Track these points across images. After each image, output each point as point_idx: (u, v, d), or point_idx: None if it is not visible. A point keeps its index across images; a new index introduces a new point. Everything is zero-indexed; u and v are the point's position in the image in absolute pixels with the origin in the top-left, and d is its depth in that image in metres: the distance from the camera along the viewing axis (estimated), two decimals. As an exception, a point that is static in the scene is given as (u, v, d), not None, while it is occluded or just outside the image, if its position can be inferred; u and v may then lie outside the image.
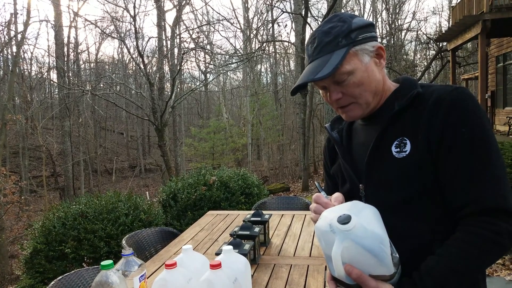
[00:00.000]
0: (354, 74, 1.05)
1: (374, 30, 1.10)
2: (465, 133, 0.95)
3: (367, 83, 1.06)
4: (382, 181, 1.07)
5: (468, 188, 0.94)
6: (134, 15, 12.71)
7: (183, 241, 2.65)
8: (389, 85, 1.13)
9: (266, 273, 1.99)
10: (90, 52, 30.76)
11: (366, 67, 1.06)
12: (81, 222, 4.07)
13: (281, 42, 20.64)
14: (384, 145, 1.06)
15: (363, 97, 1.08)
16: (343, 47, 1.04)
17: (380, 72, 1.09)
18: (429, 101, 1.00)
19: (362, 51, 1.05)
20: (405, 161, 1.01)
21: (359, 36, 1.05)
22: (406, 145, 1.02)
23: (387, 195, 1.05)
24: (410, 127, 1.02)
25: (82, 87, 13.63)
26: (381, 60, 1.09)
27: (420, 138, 0.99)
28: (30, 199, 19.06)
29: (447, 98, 0.98)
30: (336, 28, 1.06)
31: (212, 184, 5.25)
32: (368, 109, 1.11)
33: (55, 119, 24.30)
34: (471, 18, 9.61)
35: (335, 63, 1.02)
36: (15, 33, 20.51)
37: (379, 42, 1.10)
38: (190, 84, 26.33)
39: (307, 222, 2.93)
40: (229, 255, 1.45)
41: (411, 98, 1.04)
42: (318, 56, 1.07)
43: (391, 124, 1.06)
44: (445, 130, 0.96)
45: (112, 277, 1.30)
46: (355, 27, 1.05)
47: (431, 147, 0.98)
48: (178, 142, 20.89)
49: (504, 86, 12.08)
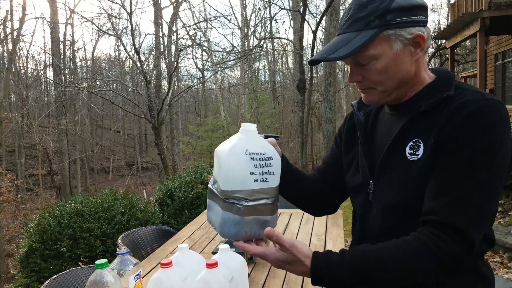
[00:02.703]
0: (378, 60, 0.96)
1: (422, 13, 0.96)
2: (468, 149, 0.88)
3: (392, 72, 0.98)
4: (391, 181, 1.03)
5: (439, 198, 0.90)
6: (131, 12, 12.66)
7: (180, 239, 2.62)
8: (424, 77, 1.02)
9: (263, 272, 1.97)
10: (87, 50, 30.75)
11: (396, 54, 0.96)
12: (76, 220, 4.03)
13: (279, 39, 20.64)
14: (400, 144, 1.01)
15: (383, 85, 1.00)
16: (373, 28, 0.94)
17: (413, 63, 0.99)
18: (453, 106, 0.92)
19: (395, 37, 0.94)
20: (416, 165, 0.96)
21: (396, 19, 0.93)
22: (420, 148, 0.96)
23: (393, 196, 1.01)
24: (427, 129, 0.96)
25: (79, 85, 13.57)
26: (418, 50, 0.97)
27: (431, 143, 0.94)
28: (27, 198, 19.02)
29: (469, 107, 0.90)
30: (374, 4, 0.94)
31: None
32: (389, 98, 1.04)
33: (51, 117, 24.21)
34: (470, 15, 9.61)
35: (357, 45, 0.93)
36: (11, 30, 20.41)
37: (425, 28, 0.97)
38: (187, 81, 26.29)
39: (305, 220, 2.91)
40: (226, 254, 1.42)
41: (438, 102, 0.95)
42: (346, 31, 0.98)
43: (412, 123, 1.00)
44: (452, 137, 0.91)
45: (107, 276, 1.27)
46: (394, 7, 0.93)
47: (435, 150, 0.93)
48: (176, 140, 20.86)
49: (503, 84, 12.09)
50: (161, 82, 15.11)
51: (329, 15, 12.69)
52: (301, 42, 13.31)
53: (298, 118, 13.68)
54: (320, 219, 2.88)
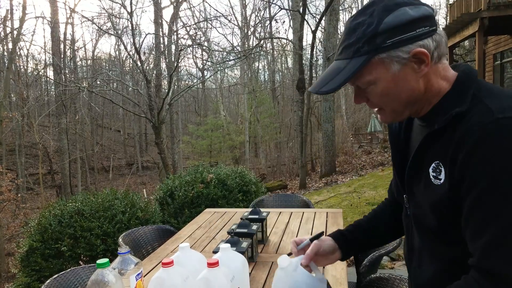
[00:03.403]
0: (376, 85, 0.91)
1: (424, 24, 0.87)
2: (478, 186, 0.81)
3: (394, 94, 0.91)
4: (420, 201, 0.99)
5: (472, 240, 0.85)
6: (131, 12, 12.66)
7: (180, 239, 2.63)
8: (440, 86, 0.93)
9: (264, 271, 1.98)
10: (87, 49, 30.68)
11: (394, 76, 0.89)
12: (77, 220, 4.04)
13: (278, 39, 20.62)
14: (423, 162, 0.96)
15: (389, 106, 0.95)
16: (363, 55, 0.88)
17: (419, 79, 0.91)
18: (463, 127, 0.85)
19: (390, 59, 0.88)
20: (438, 190, 0.91)
21: (387, 41, 0.86)
22: (441, 173, 0.90)
23: (424, 217, 0.99)
24: (444, 153, 0.89)
25: (79, 84, 13.57)
26: (422, 66, 0.89)
27: (448, 171, 0.88)
28: (27, 197, 19.01)
29: (476, 133, 0.81)
30: (361, 28, 0.88)
31: (209, 181, 5.23)
32: (402, 117, 0.98)
33: (51, 116, 24.19)
34: (469, 15, 9.62)
35: (347, 75, 0.89)
36: (11, 30, 20.40)
37: (431, 38, 0.89)
38: (187, 81, 26.28)
39: (305, 219, 2.92)
40: (227, 253, 1.43)
41: (449, 120, 0.88)
42: (338, 58, 0.94)
43: (430, 141, 0.94)
44: (463, 174, 0.84)
45: (108, 275, 1.28)
46: (384, 28, 0.86)
47: (453, 185, 0.87)
48: (176, 139, 20.86)
49: (502, 84, 12.10)
50: (161, 81, 15.12)
51: (329, 15, 12.70)
52: (301, 42, 13.32)
53: (298, 118, 13.68)
54: (320, 218, 2.90)
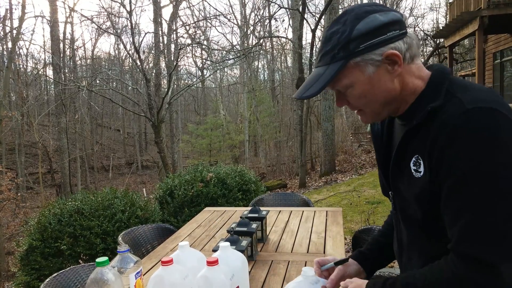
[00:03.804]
0: (354, 87, 0.97)
1: (394, 28, 0.94)
2: (454, 174, 0.86)
3: (371, 95, 0.97)
4: (405, 195, 1.04)
5: (449, 226, 0.90)
6: (130, 11, 12.66)
7: (180, 237, 2.63)
8: (415, 85, 0.99)
9: (263, 270, 1.98)
10: (86, 48, 30.67)
11: (370, 78, 0.95)
12: (77, 218, 4.04)
13: (278, 38, 20.61)
14: (405, 157, 1.01)
15: (368, 107, 1.00)
16: (339, 60, 0.94)
17: (393, 80, 0.96)
18: (438, 122, 0.90)
19: (364, 62, 0.94)
20: (419, 182, 0.96)
21: (361, 46, 0.92)
22: (421, 166, 0.96)
23: (409, 209, 1.04)
24: (422, 147, 0.95)
25: (78, 83, 13.57)
26: (396, 67, 0.94)
27: (428, 162, 0.93)
28: (27, 196, 19.01)
29: (449, 126, 0.86)
30: (336, 36, 0.95)
31: (209, 180, 5.23)
32: (381, 117, 1.04)
33: (51, 115, 24.19)
34: (469, 14, 9.61)
35: (325, 80, 0.95)
36: (10, 29, 20.38)
37: (402, 40, 0.95)
38: (187, 80, 26.28)
39: (305, 218, 2.92)
40: (226, 251, 1.43)
41: (425, 115, 0.93)
42: (318, 65, 1.01)
43: (409, 137, 0.99)
44: (440, 165, 0.89)
45: (108, 274, 1.28)
46: (356, 35, 0.92)
47: (433, 176, 0.93)
48: (175, 138, 20.87)
49: (501, 83, 12.11)
50: (160, 80, 15.11)
51: (328, 14, 12.69)
52: (300, 41, 13.31)
53: (297, 117, 13.68)
54: (319, 217, 2.90)
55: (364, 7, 0.95)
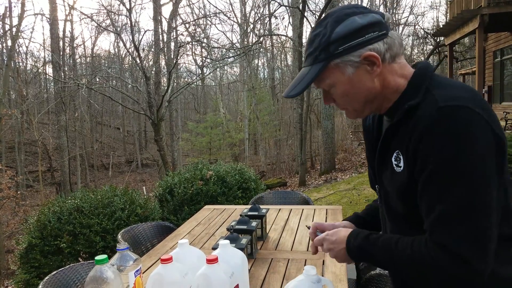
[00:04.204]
0: (335, 87, 1.03)
1: (372, 30, 0.97)
2: (431, 165, 0.91)
3: (353, 94, 1.02)
4: (388, 189, 1.09)
5: (425, 217, 0.95)
6: (130, 9, 12.63)
7: (180, 235, 2.63)
8: (397, 84, 1.02)
9: (263, 268, 1.98)
10: (86, 46, 30.63)
11: (350, 78, 1.00)
12: (76, 216, 4.04)
13: (278, 36, 20.57)
14: (388, 153, 1.06)
15: (351, 105, 1.06)
16: (321, 62, 1.00)
17: (373, 79, 1.00)
18: (414, 119, 0.95)
19: (344, 63, 0.99)
20: (400, 176, 1.01)
21: (340, 48, 0.97)
22: (401, 161, 1.00)
23: (392, 201, 1.09)
24: (401, 143, 1.00)
25: (78, 81, 13.55)
26: (374, 67, 0.99)
27: (406, 157, 0.98)
28: (27, 194, 19.01)
29: (424, 122, 0.91)
30: (318, 38, 1.00)
31: (209, 178, 5.23)
32: (364, 114, 1.09)
33: (51, 113, 24.17)
34: (469, 12, 9.59)
35: (309, 80, 1.01)
36: (10, 27, 20.35)
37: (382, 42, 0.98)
38: (186, 78, 26.24)
39: (304, 216, 2.92)
40: (226, 249, 1.43)
41: (403, 113, 0.98)
42: (304, 65, 1.06)
43: (390, 134, 1.04)
44: (417, 158, 0.94)
45: (107, 272, 1.28)
46: (335, 38, 0.97)
47: (411, 170, 0.97)
48: (175, 137, 20.85)
49: (501, 81, 12.10)
50: (160, 78, 15.10)
51: (328, 11, 12.69)
52: (300, 39, 13.29)
53: (297, 115, 13.67)
54: (319, 215, 2.89)
55: (344, 10, 1.00)
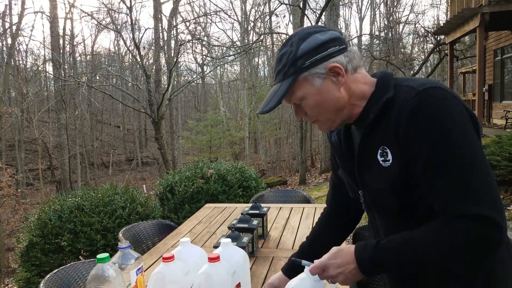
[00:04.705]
0: (306, 99, 1.08)
1: (333, 45, 1.05)
2: (425, 146, 0.94)
3: (323, 104, 1.07)
4: (375, 188, 1.10)
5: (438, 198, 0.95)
6: (130, 7, 12.62)
7: (181, 234, 2.63)
8: (362, 90, 1.09)
9: (264, 266, 1.98)
10: (86, 44, 30.59)
11: (319, 89, 1.06)
12: (77, 215, 4.04)
13: (278, 34, 20.53)
14: (370, 153, 1.07)
15: (323, 116, 1.10)
16: (290, 76, 1.06)
17: (339, 88, 1.06)
18: (396, 108, 0.99)
19: (312, 76, 1.05)
20: (389, 170, 1.03)
21: (306, 62, 1.04)
22: (388, 154, 1.03)
23: (382, 201, 1.09)
24: (385, 136, 1.02)
25: (78, 79, 13.54)
26: (339, 78, 1.05)
27: (395, 149, 1.00)
28: (27, 192, 19.02)
29: (408, 106, 0.96)
30: (285, 56, 1.07)
31: (209, 177, 5.23)
32: (336, 124, 1.13)
33: (51, 111, 24.16)
34: (470, 11, 9.57)
35: (281, 94, 1.05)
36: (10, 25, 20.33)
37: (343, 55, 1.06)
38: (186, 77, 26.21)
39: (305, 215, 2.92)
40: (227, 248, 1.43)
41: (381, 106, 1.02)
42: (274, 82, 1.11)
43: (370, 132, 1.07)
44: (409, 144, 0.96)
45: (109, 270, 1.28)
46: (301, 54, 1.04)
47: (404, 159, 0.99)
48: (175, 135, 20.83)
49: (502, 80, 12.08)
50: (160, 77, 15.08)
51: (329, 10, 12.64)
52: (301, 37, 13.24)
53: (298, 113, 13.64)
54: (320, 214, 2.89)
55: (306, 30, 1.08)
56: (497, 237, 0.90)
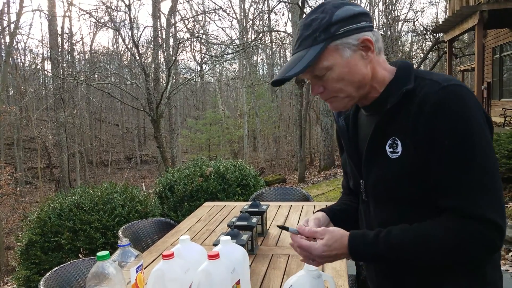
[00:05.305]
0: (333, 70, 1.02)
1: (365, 19, 1.03)
2: (447, 140, 0.93)
3: (348, 78, 1.03)
4: (378, 179, 1.08)
5: (449, 196, 0.94)
6: (129, 5, 12.59)
7: (180, 232, 2.64)
8: (383, 76, 1.07)
9: (264, 263, 1.98)
10: (85, 43, 30.51)
11: (347, 61, 1.01)
12: (76, 213, 4.04)
13: (277, 32, 20.52)
14: (380, 142, 1.06)
15: (344, 91, 1.05)
16: (321, 42, 1.00)
17: (367, 65, 1.04)
18: (416, 100, 0.97)
19: (343, 45, 1.00)
20: (398, 162, 1.01)
21: (340, 30, 0.99)
22: (398, 146, 1.01)
23: (383, 193, 1.07)
24: (400, 128, 1.01)
25: (77, 78, 13.52)
26: (369, 53, 1.02)
27: (408, 142, 0.99)
28: (26, 191, 19.02)
29: (431, 100, 0.94)
30: (316, 21, 1.01)
31: (208, 175, 5.23)
32: (353, 102, 1.09)
33: (49, 110, 24.15)
34: (468, 8, 9.57)
35: (308, 60, 0.99)
36: (8, 23, 20.28)
37: (371, 32, 1.03)
38: (185, 75, 26.19)
39: (305, 213, 2.93)
40: (227, 245, 1.43)
41: (400, 96, 1.00)
42: (297, 50, 1.05)
43: (384, 122, 1.04)
44: (429, 136, 0.95)
45: (109, 268, 1.28)
46: (336, 20, 0.99)
47: (417, 152, 0.97)
48: (174, 133, 20.83)
49: (500, 78, 12.09)
50: (159, 75, 15.08)
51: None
52: (300, 35, 13.23)
53: (297, 112, 13.67)
54: (319, 212, 2.90)
55: (338, 0, 1.04)
56: (498, 243, 0.91)
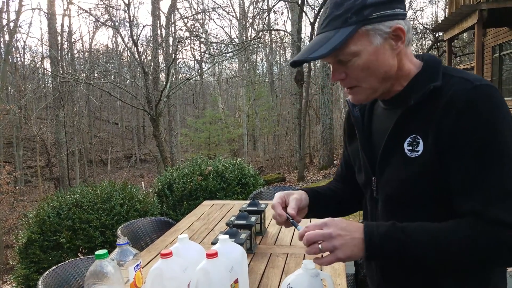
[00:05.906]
0: (360, 56, 0.94)
1: (399, 6, 0.94)
2: (475, 142, 0.88)
3: (374, 68, 0.96)
4: (393, 178, 1.02)
5: (473, 198, 0.89)
6: (129, 3, 12.57)
7: (179, 230, 2.64)
8: (409, 70, 1.00)
9: (262, 262, 1.98)
10: (84, 41, 30.49)
11: (376, 49, 0.94)
12: (76, 212, 4.04)
13: (277, 31, 20.51)
14: (398, 140, 1.00)
15: (367, 82, 0.98)
16: (352, 25, 0.92)
17: (395, 56, 0.97)
18: (444, 98, 0.91)
19: (375, 31, 0.93)
20: (416, 162, 0.95)
21: (374, 14, 0.92)
22: (419, 145, 0.95)
23: (397, 192, 1.02)
24: (423, 125, 0.95)
25: (76, 76, 13.51)
26: (399, 43, 0.95)
27: (431, 140, 0.93)
28: (25, 189, 19.00)
29: (462, 98, 0.89)
30: (349, 1, 0.93)
31: (208, 174, 5.23)
32: (375, 95, 1.03)
33: (49, 109, 24.11)
34: (468, 7, 9.57)
35: (336, 42, 0.92)
36: (7, 22, 20.25)
37: (404, 21, 0.95)
38: (185, 74, 26.18)
39: (304, 211, 2.92)
40: (226, 244, 1.43)
41: (426, 94, 0.94)
42: (324, 30, 0.96)
43: (405, 118, 0.98)
44: (455, 136, 0.89)
45: (107, 266, 1.28)
46: (371, 2, 0.91)
47: (441, 151, 0.92)
48: (174, 132, 20.83)
49: (500, 77, 12.09)
50: (159, 74, 15.08)
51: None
52: (299, 34, 13.26)
53: (296, 111, 13.67)
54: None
55: None
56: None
